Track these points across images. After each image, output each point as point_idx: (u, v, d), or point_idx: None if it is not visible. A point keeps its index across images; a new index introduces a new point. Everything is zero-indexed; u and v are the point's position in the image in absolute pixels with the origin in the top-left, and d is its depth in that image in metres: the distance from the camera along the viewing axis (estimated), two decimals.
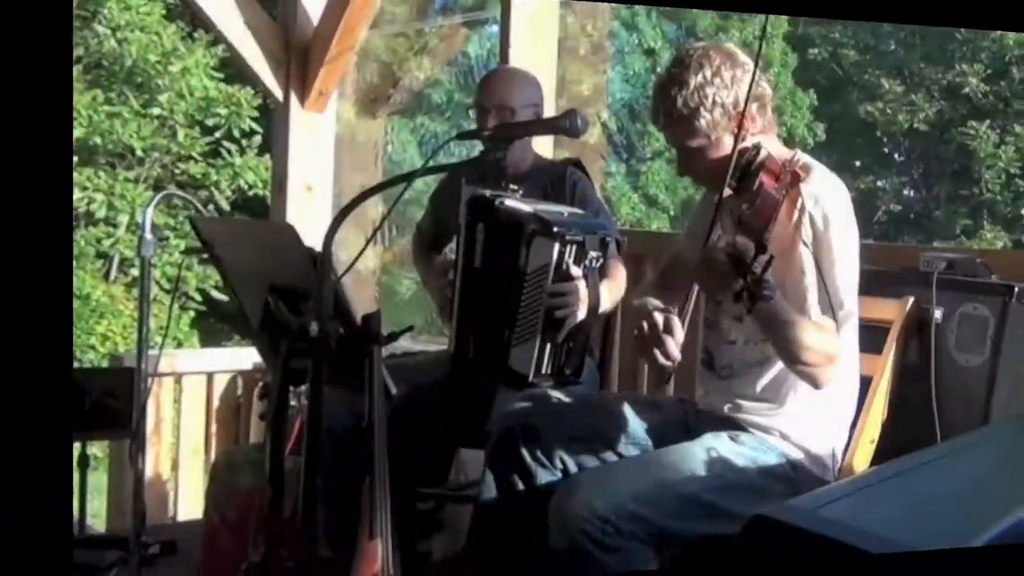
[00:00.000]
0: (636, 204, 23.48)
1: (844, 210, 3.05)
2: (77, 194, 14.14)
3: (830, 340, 2.93)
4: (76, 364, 12.90)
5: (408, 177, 2.91)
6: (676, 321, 2.95)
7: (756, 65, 3.03)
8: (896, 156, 29.48)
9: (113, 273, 15.83)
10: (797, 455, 3.15)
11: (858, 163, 27.90)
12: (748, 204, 2.84)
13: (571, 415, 3.33)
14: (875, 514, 1.44)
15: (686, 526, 2.97)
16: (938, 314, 3.64)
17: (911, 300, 3.70)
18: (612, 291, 3.73)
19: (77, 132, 14.01)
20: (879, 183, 28.12)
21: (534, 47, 4.87)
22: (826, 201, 2.99)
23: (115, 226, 14.87)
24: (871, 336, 3.48)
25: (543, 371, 3.54)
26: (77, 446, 4.71)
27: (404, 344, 3.01)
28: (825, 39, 27.42)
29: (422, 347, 4.92)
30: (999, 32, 23.84)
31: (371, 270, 15.93)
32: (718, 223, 2.97)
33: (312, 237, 2.78)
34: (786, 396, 3.16)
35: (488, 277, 3.58)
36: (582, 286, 3.49)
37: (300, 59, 6.11)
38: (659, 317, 2.96)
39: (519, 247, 3.44)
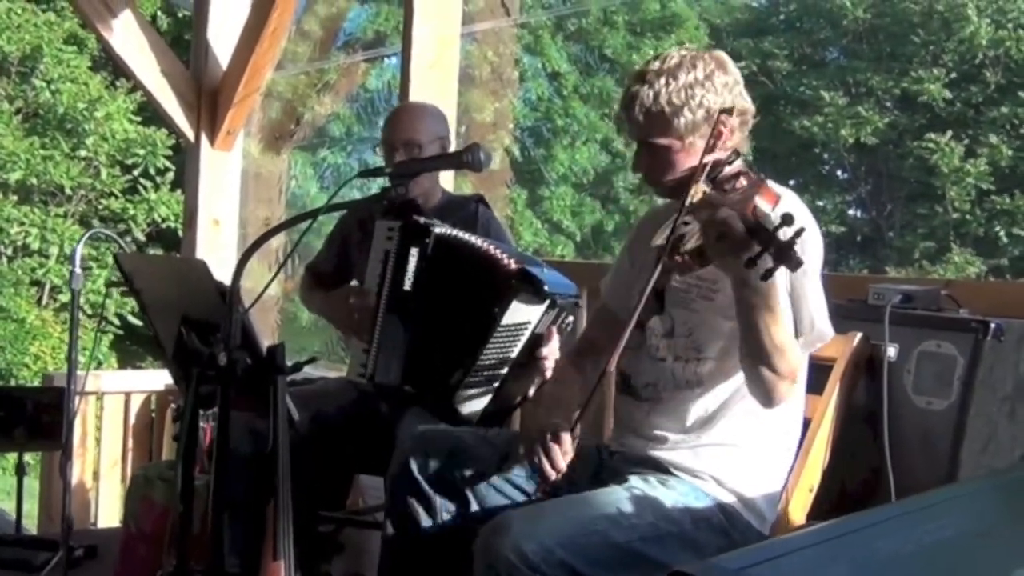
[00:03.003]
0: (539, 230, 21.80)
1: (815, 230, 2.58)
2: (15, 228, 14.79)
3: (798, 354, 2.52)
4: (12, 381, 13.05)
5: (312, 214, 2.72)
6: (567, 437, 2.60)
7: None
8: (839, 173, 25.05)
9: (44, 299, 16.02)
10: (731, 501, 2.68)
11: (792, 182, 22.24)
12: (739, 195, 2.39)
13: (471, 447, 2.91)
14: None
15: None
16: (892, 352, 2.99)
17: (858, 336, 3.05)
18: None
19: (17, 174, 14.70)
20: (819, 203, 23.16)
21: (435, 79, 4.63)
22: (802, 219, 2.53)
23: (47, 257, 15.09)
24: (811, 374, 2.78)
25: (484, 417, 3.28)
26: (15, 455, 4.94)
27: (304, 370, 2.83)
28: (753, 51, 23.61)
29: (321, 373, 4.72)
30: (968, 31, 21.09)
31: (274, 298, 15.73)
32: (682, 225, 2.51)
33: (220, 268, 2.68)
34: (719, 430, 2.69)
35: (430, 306, 3.28)
36: (557, 347, 3.25)
37: (210, 102, 6.03)
38: (548, 429, 2.62)
39: (495, 295, 3.15)
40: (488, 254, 3.21)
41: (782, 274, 2.28)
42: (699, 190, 2.50)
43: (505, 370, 3.23)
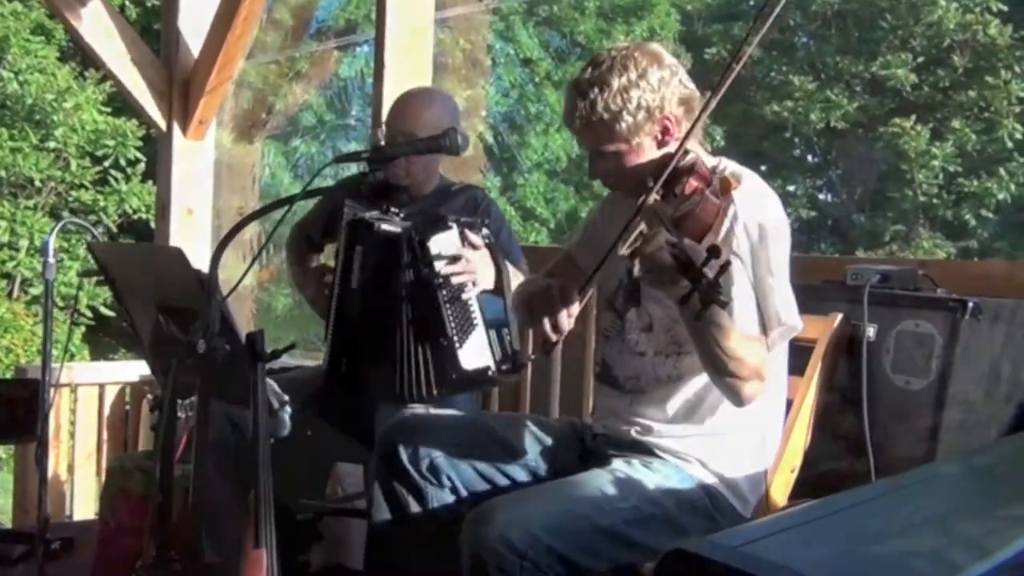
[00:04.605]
0: (513, 216, 21.31)
1: (780, 220, 2.58)
2: None
3: (760, 353, 2.49)
4: None
5: (288, 201, 2.69)
6: (574, 293, 2.55)
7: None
8: (810, 158, 24.90)
9: (15, 292, 15.82)
10: (715, 483, 2.69)
11: (764, 167, 22.40)
12: (681, 208, 2.40)
13: (456, 432, 2.91)
14: (806, 555, 1.18)
15: (602, 561, 2.56)
16: (871, 331, 3.00)
17: (839, 317, 3.06)
18: (515, 278, 3.38)
19: None
20: (789, 187, 23.10)
21: (408, 67, 4.60)
22: (761, 211, 2.54)
23: (17, 250, 15.07)
24: (792, 356, 2.79)
25: (498, 356, 3.25)
26: None
27: (281, 359, 2.81)
28: (724, 36, 23.31)
29: (298, 362, 4.69)
30: (935, 16, 21.14)
31: (248, 288, 15.67)
32: (638, 227, 2.48)
33: (194, 258, 2.66)
34: (703, 417, 2.68)
35: (379, 296, 3.29)
36: (482, 252, 3.26)
37: (181, 91, 6.00)
38: (555, 287, 2.57)
39: (412, 257, 3.19)
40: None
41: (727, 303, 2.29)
42: (650, 196, 2.48)
43: (475, 308, 3.23)
